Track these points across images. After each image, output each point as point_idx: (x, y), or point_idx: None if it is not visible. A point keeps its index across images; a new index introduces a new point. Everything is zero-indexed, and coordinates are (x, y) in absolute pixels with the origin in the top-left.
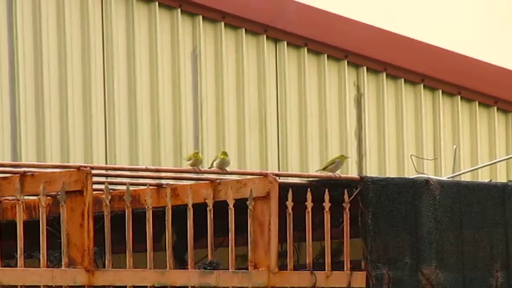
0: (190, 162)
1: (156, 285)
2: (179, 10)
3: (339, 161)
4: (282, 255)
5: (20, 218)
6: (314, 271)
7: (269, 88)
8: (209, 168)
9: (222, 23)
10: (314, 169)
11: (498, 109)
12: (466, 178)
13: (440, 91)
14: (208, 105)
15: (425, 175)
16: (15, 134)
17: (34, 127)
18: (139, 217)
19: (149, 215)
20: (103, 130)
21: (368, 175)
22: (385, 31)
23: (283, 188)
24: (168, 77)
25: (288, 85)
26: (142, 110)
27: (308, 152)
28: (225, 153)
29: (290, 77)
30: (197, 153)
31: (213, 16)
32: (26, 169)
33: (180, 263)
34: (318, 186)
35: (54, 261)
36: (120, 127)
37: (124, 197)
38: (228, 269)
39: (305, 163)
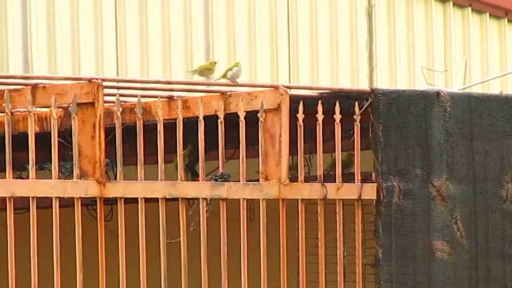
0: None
1: (167, 197)
2: None
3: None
4: (293, 167)
5: (31, 129)
6: (325, 183)
7: (280, 0)
8: (221, 77)
9: None
10: (325, 82)
11: (509, 21)
12: (477, 89)
13: (451, 2)
14: (219, 18)
15: (436, 87)
16: (26, 46)
17: (45, 39)
18: (150, 129)
19: (160, 127)
20: (114, 42)
21: (379, 87)
22: None
23: (294, 100)
24: None
25: None
26: (153, 23)
27: (319, 65)
28: (238, 64)
29: None
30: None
31: None
32: (38, 81)
33: (191, 175)
34: (329, 98)
35: (65, 173)
36: (131, 39)
37: (135, 109)
38: (239, 181)
39: (316, 75)
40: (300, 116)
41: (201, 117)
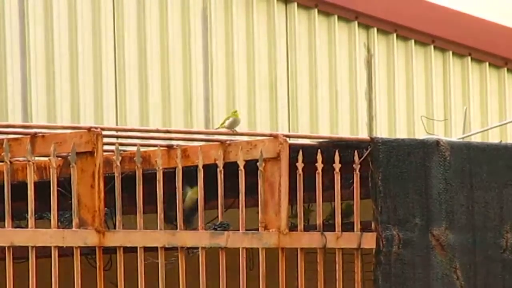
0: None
1: (166, 246)
2: None
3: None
4: (292, 216)
5: (30, 179)
6: (324, 232)
7: (279, 49)
8: (220, 126)
9: None
10: (325, 131)
11: (508, 70)
12: (477, 139)
13: (451, 52)
14: (218, 66)
15: (435, 136)
16: (25, 95)
17: (44, 88)
18: (149, 178)
19: (160, 176)
20: (114, 91)
21: (378, 136)
22: None
23: (293, 149)
24: (178, 37)
25: (299, 46)
26: (153, 71)
27: (318, 113)
28: (236, 113)
29: (301, 37)
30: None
31: None
32: (37, 130)
33: (190, 224)
34: (328, 147)
35: (64, 222)
36: (131, 88)
37: (134, 158)
38: (239, 230)
39: (315, 124)
40: (300, 165)
41: (200, 166)
